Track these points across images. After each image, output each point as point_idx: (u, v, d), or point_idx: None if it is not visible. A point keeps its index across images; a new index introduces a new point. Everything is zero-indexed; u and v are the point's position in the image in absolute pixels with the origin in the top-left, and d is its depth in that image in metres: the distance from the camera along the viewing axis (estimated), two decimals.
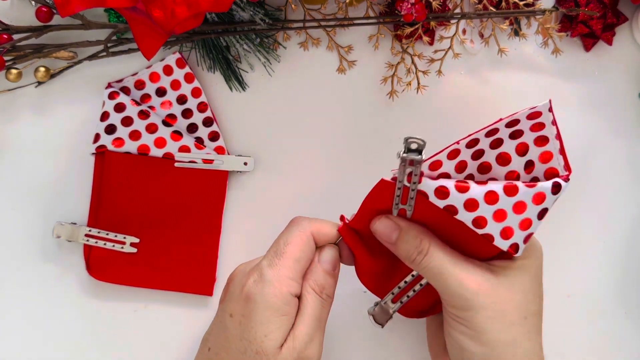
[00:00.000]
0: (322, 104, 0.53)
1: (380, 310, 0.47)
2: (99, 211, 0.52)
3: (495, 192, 0.40)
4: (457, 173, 0.42)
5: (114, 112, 0.51)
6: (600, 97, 0.54)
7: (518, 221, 0.40)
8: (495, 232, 0.40)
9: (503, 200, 0.40)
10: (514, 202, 0.40)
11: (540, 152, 0.42)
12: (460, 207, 0.40)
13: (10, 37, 0.48)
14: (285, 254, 0.43)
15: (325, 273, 0.44)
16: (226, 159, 0.52)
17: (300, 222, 0.45)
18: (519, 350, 0.41)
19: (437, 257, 0.41)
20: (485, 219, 0.40)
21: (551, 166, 0.41)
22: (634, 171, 0.54)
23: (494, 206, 0.40)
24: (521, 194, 0.40)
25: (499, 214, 0.40)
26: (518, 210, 0.40)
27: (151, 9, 0.41)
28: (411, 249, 0.42)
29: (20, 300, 0.53)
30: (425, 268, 0.42)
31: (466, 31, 0.53)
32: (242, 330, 0.42)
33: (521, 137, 0.42)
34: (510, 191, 0.40)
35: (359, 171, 0.53)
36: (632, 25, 0.53)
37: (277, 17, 0.51)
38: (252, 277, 0.42)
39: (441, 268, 0.41)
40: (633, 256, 0.54)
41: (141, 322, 0.53)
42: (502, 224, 0.40)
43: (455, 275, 0.41)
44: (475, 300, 0.40)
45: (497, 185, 0.40)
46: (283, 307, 0.42)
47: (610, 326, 0.54)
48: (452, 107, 0.53)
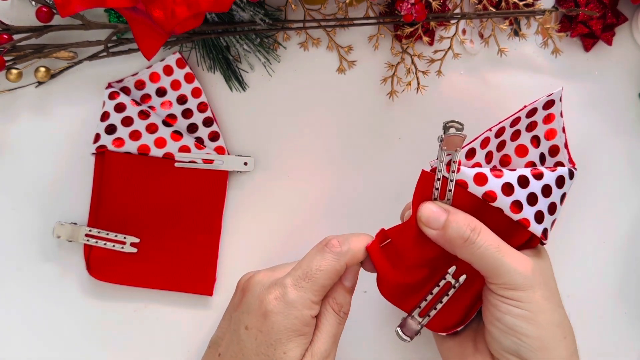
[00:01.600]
0: (322, 104, 0.53)
1: (409, 325, 0.46)
2: (99, 211, 0.52)
3: (526, 176, 0.42)
4: (486, 164, 0.45)
5: (114, 112, 0.51)
6: (600, 97, 0.54)
7: (547, 204, 0.43)
8: (530, 216, 0.42)
9: (533, 184, 0.42)
10: (542, 185, 0.42)
11: (550, 146, 0.45)
12: (499, 191, 0.42)
13: (10, 37, 0.48)
14: (314, 279, 0.42)
15: (345, 291, 0.44)
16: (226, 159, 0.52)
17: (335, 250, 0.43)
18: (568, 331, 0.42)
19: (491, 236, 0.41)
20: (521, 202, 0.42)
21: (558, 160, 0.44)
22: (634, 171, 0.54)
23: (526, 190, 0.42)
24: (546, 178, 0.42)
25: (531, 197, 0.42)
26: (546, 194, 0.42)
27: (151, 9, 0.41)
28: (463, 227, 0.41)
29: (20, 300, 0.53)
30: (481, 247, 0.41)
31: (466, 31, 0.53)
32: (258, 344, 0.42)
33: (535, 130, 0.45)
34: (537, 175, 0.42)
35: (359, 171, 0.53)
36: (632, 26, 0.53)
37: (277, 17, 0.52)
38: (273, 294, 0.42)
39: (498, 246, 0.41)
40: (633, 256, 0.54)
41: (141, 322, 0.53)
42: (535, 207, 0.42)
43: (510, 254, 0.41)
44: (532, 278, 0.41)
45: (526, 171, 0.42)
46: (302, 328, 0.42)
47: (610, 326, 0.54)
48: (452, 107, 0.53)
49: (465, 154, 0.44)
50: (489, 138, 0.45)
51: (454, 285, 0.45)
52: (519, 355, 0.41)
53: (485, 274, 0.42)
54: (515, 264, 0.41)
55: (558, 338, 0.41)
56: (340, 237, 0.44)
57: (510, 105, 0.53)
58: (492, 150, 0.45)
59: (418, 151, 0.53)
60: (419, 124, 0.53)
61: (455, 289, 0.45)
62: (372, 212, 0.53)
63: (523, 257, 0.42)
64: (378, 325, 0.53)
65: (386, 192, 0.53)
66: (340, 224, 0.53)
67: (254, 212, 0.53)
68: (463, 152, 0.43)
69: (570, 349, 0.42)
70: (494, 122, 0.53)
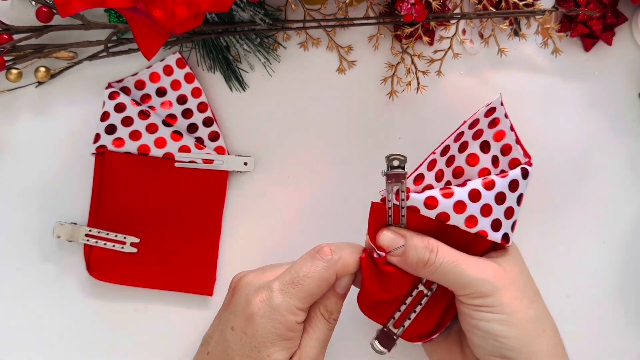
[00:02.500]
0: (322, 104, 0.53)
1: (384, 336, 0.46)
2: (99, 211, 0.52)
3: (477, 189, 0.42)
4: (437, 182, 0.45)
5: (114, 112, 0.51)
6: (600, 97, 0.54)
7: (502, 211, 0.43)
8: (487, 227, 0.42)
9: (485, 195, 0.42)
10: (495, 194, 0.42)
11: (501, 146, 0.44)
12: (451, 211, 0.42)
13: (10, 37, 0.48)
14: (301, 285, 0.42)
15: (337, 298, 0.44)
16: (226, 159, 0.52)
17: (326, 258, 0.43)
18: (547, 324, 0.42)
19: (448, 252, 0.42)
20: (475, 217, 0.42)
21: (513, 157, 0.44)
22: (634, 171, 0.54)
23: (479, 203, 0.42)
24: (498, 186, 0.42)
25: (485, 209, 0.42)
26: (500, 201, 0.42)
27: (151, 9, 0.41)
28: (421, 251, 0.42)
29: (20, 300, 0.53)
30: (441, 265, 0.41)
31: (466, 31, 0.53)
32: (242, 346, 0.42)
33: (482, 136, 0.45)
34: (488, 185, 0.42)
35: (358, 171, 0.53)
36: (632, 25, 0.53)
37: (277, 17, 0.52)
38: (260, 297, 0.42)
39: (457, 260, 0.41)
40: (633, 256, 0.54)
41: (141, 322, 0.53)
42: (490, 217, 0.42)
43: (471, 264, 0.41)
44: (497, 282, 0.41)
45: (476, 183, 0.42)
46: (287, 333, 0.42)
47: (610, 326, 0.54)
48: (452, 107, 0.53)
49: (413, 180, 0.45)
50: (435, 160, 0.45)
51: (426, 294, 0.45)
52: (503, 356, 0.42)
53: (451, 288, 0.43)
54: (477, 272, 0.41)
55: (536, 333, 0.41)
56: (334, 245, 0.44)
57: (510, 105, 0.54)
58: (442, 168, 0.45)
59: (418, 151, 0.53)
60: (419, 124, 0.53)
61: (427, 297, 0.45)
62: None
63: (484, 263, 0.42)
64: None
65: None
66: (340, 224, 0.53)
67: (254, 212, 0.53)
68: (411, 179, 0.45)
69: (553, 341, 0.42)
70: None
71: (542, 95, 0.54)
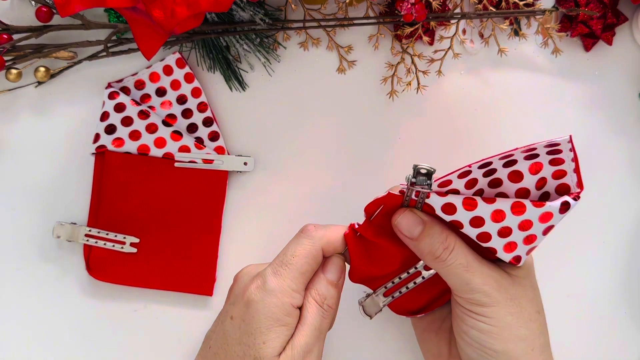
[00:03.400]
0: (322, 104, 0.53)
1: (371, 302, 0.47)
2: (99, 211, 0.52)
3: (502, 211, 0.40)
4: (466, 189, 0.41)
5: (114, 112, 0.51)
6: (600, 97, 0.54)
7: (522, 237, 0.41)
8: (499, 246, 0.41)
9: (509, 219, 0.40)
10: (520, 221, 0.40)
11: (554, 170, 0.41)
12: (466, 223, 0.40)
13: (10, 37, 0.48)
14: (291, 265, 0.42)
15: (328, 283, 0.44)
16: (226, 159, 0.52)
17: (310, 234, 0.44)
18: (536, 343, 0.42)
19: (462, 254, 0.41)
20: (490, 234, 0.40)
21: (563, 182, 0.41)
22: (634, 171, 0.54)
23: (499, 224, 0.40)
24: (528, 213, 0.40)
25: (503, 231, 0.40)
26: (524, 228, 0.40)
27: (151, 9, 0.41)
28: (436, 244, 0.41)
29: (20, 300, 0.53)
30: (450, 265, 0.41)
31: (466, 31, 0.53)
32: (241, 334, 0.42)
33: (537, 158, 0.41)
34: (517, 210, 0.40)
35: (358, 171, 0.53)
36: (632, 25, 0.53)
37: (277, 17, 0.51)
38: (255, 283, 0.42)
39: (468, 264, 0.41)
40: (633, 256, 0.54)
41: (141, 322, 0.53)
42: (506, 239, 0.41)
43: (480, 272, 0.41)
44: (497, 295, 0.41)
45: (505, 204, 0.40)
46: (283, 318, 0.41)
47: (610, 326, 0.54)
48: (452, 107, 0.53)
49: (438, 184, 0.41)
50: (470, 171, 0.40)
51: (423, 275, 0.45)
52: None
53: (452, 287, 0.43)
54: (482, 282, 0.41)
55: (525, 351, 0.41)
56: (318, 224, 0.44)
57: (510, 105, 0.54)
58: (476, 177, 0.41)
59: (418, 151, 0.53)
60: (419, 124, 0.53)
61: (424, 279, 0.45)
62: None
63: (492, 272, 0.42)
64: (376, 327, 0.53)
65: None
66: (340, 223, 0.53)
67: (254, 212, 0.53)
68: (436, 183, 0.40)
69: (540, 358, 0.42)
70: (493, 121, 0.54)
71: (542, 95, 0.54)
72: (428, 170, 0.39)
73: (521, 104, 0.54)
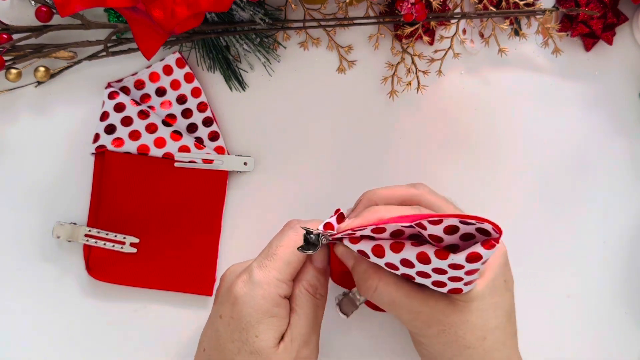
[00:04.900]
0: (322, 104, 0.53)
1: (348, 301, 0.47)
2: (99, 211, 0.52)
3: (409, 260, 0.38)
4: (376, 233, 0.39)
5: (113, 112, 0.51)
6: (600, 97, 0.54)
7: (446, 278, 0.38)
8: (426, 283, 0.39)
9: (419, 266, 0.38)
10: (432, 267, 0.37)
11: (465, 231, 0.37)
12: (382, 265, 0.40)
13: (10, 37, 0.48)
14: (276, 255, 0.43)
15: (317, 272, 0.44)
16: (226, 159, 0.52)
17: (294, 226, 0.44)
18: None
19: (385, 293, 0.41)
20: (411, 275, 0.39)
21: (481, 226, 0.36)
22: (635, 171, 0.54)
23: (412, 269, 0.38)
24: (434, 263, 0.37)
25: (421, 274, 0.38)
26: (439, 272, 0.37)
27: (151, 9, 0.41)
28: (361, 282, 0.42)
29: (20, 300, 0.53)
30: (377, 302, 0.42)
31: (466, 31, 0.53)
32: (231, 331, 0.42)
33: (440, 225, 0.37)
34: (423, 260, 0.37)
35: (358, 171, 0.53)
36: (632, 25, 0.53)
37: (277, 17, 0.51)
38: (241, 279, 0.43)
39: (392, 302, 0.42)
40: (633, 256, 0.54)
41: (141, 322, 0.53)
42: (429, 279, 0.38)
43: (406, 308, 0.41)
44: (426, 330, 0.42)
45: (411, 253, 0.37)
46: (271, 309, 0.42)
47: (610, 326, 0.54)
48: (452, 107, 0.53)
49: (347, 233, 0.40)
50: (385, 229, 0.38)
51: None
52: None
53: None
54: (410, 319, 0.42)
55: None
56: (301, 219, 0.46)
57: (510, 105, 0.54)
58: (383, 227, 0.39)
59: (418, 151, 0.53)
60: (419, 124, 0.53)
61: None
62: None
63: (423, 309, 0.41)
64: (378, 326, 0.53)
65: None
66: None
67: (254, 212, 0.53)
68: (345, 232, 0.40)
69: None
70: (493, 121, 0.54)
71: (543, 95, 0.54)
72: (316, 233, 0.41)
73: (521, 103, 0.54)
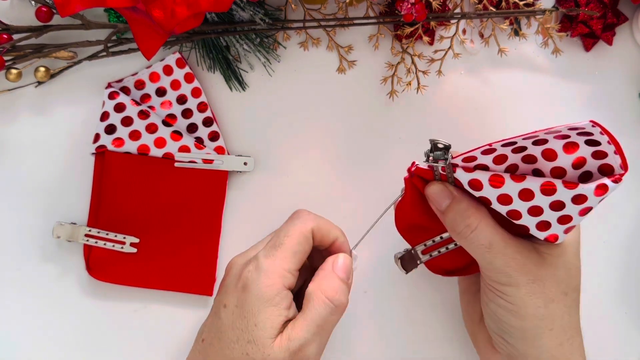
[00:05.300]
0: (322, 104, 0.53)
1: (409, 258, 0.47)
2: (99, 211, 0.52)
3: (531, 190, 0.38)
4: (495, 165, 0.40)
5: (114, 112, 0.51)
6: (600, 97, 0.54)
7: (556, 217, 0.39)
8: (531, 224, 0.39)
9: (539, 199, 0.38)
10: (551, 201, 0.38)
11: (593, 151, 0.38)
12: (494, 200, 0.39)
13: (10, 37, 0.48)
14: (283, 245, 0.43)
15: (340, 280, 0.44)
16: (226, 159, 0.52)
17: (303, 216, 0.45)
18: (556, 325, 0.42)
19: (485, 234, 0.41)
20: (520, 212, 0.39)
21: (606, 162, 0.38)
22: (635, 171, 0.54)
23: (529, 202, 0.38)
24: (559, 194, 0.37)
25: (534, 210, 0.39)
26: (556, 208, 0.38)
27: (151, 9, 0.41)
28: (459, 220, 0.41)
29: (20, 300, 0.53)
30: (472, 244, 0.41)
31: (466, 31, 0.53)
32: (234, 319, 0.42)
33: (569, 139, 0.39)
34: (547, 190, 0.37)
35: (358, 171, 0.53)
36: (632, 25, 0.53)
37: (277, 17, 0.51)
38: (249, 268, 0.43)
39: (490, 245, 0.41)
40: (633, 256, 0.54)
41: (141, 322, 0.53)
42: (538, 218, 0.39)
43: (502, 253, 0.41)
44: (518, 277, 0.41)
45: (534, 183, 0.38)
46: (274, 298, 0.42)
47: (610, 326, 0.54)
48: (452, 107, 0.53)
49: (462, 159, 0.40)
50: (494, 149, 0.39)
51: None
52: (504, 339, 0.43)
53: (477, 262, 0.43)
54: (503, 264, 0.41)
55: (541, 330, 0.42)
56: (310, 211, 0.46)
57: (511, 105, 0.54)
58: (506, 154, 0.39)
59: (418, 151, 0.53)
60: (419, 124, 0.53)
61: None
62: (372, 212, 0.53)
63: (517, 255, 0.41)
64: (379, 326, 0.53)
65: (386, 192, 0.53)
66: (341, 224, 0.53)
67: (254, 212, 0.53)
68: (460, 159, 0.40)
69: (558, 339, 0.42)
70: (493, 122, 0.54)
71: (542, 95, 0.54)
72: (444, 145, 0.39)
73: (521, 103, 0.54)
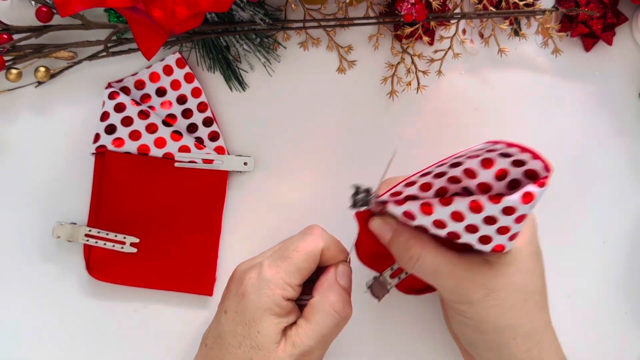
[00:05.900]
0: (322, 104, 0.53)
1: (378, 284, 0.47)
2: (99, 211, 0.52)
3: (460, 212, 0.37)
4: (423, 192, 0.40)
5: (114, 112, 0.51)
6: (600, 97, 0.54)
7: (494, 230, 0.37)
8: (473, 240, 0.38)
9: (470, 217, 0.37)
10: (483, 217, 0.37)
11: (511, 161, 0.37)
12: (430, 226, 0.39)
13: (10, 37, 0.48)
14: (290, 259, 0.43)
15: (345, 292, 0.44)
16: (226, 159, 0.52)
17: (315, 233, 0.44)
18: (520, 332, 0.41)
19: (428, 262, 0.41)
20: (458, 233, 0.38)
21: (529, 168, 0.37)
22: (634, 171, 0.54)
23: (462, 223, 0.37)
24: (487, 210, 0.36)
25: (470, 228, 0.38)
26: (490, 222, 0.37)
27: (151, 9, 0.41)
28: (402, 253, 0.41)
29: (20, 300, 0.53)
30: (419, 272, 0.42)
31: (466, 31, 0.53)
32: (234, 325, 0.42)
33: (480, 157, 0.38)
34: (475, 209, 0.36)
35: (359, 171, 0.53)
36: (632, 25, 0.53)
37: (277, 17, 0.51)
38: (250, 274, 0.43)
39: (436, 271, 0.41)
40: (633, 256, 0.54)
41: (141, 322, 0.53)
42: (477, 234, 0.38)
43: (449, 275, 0.41)
44: (470, 295, 0.40)
45: (462, 204, 0.37)
46: (273, 307, 0.42)
47: (610, 326, 0.54)
48: (452, 107, 0.53)
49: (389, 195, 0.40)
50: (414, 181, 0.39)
51: None
52: (475, 351, 0.44)
53: None
54: (453, 285, 0.41)
55: (506, 340, 0.41)
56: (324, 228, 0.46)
57: (510, 105, 0.54)
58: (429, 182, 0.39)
59: (418, 151, 0.53)
60: (419, 124, 0.53)
61: None
62: None
63: (465, 274, 0.40)
64: (378, 326, 0.53)
65: None
66: (341, 224, 0.53)
67: (254, 212, 0.53)
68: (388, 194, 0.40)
69: (525, 346, 0.42)
70: (493, 122, 0.54)
71: (542, 95, 0.54)
72: (366, 188, 0.40)
73: (521, 104, 0.54)
